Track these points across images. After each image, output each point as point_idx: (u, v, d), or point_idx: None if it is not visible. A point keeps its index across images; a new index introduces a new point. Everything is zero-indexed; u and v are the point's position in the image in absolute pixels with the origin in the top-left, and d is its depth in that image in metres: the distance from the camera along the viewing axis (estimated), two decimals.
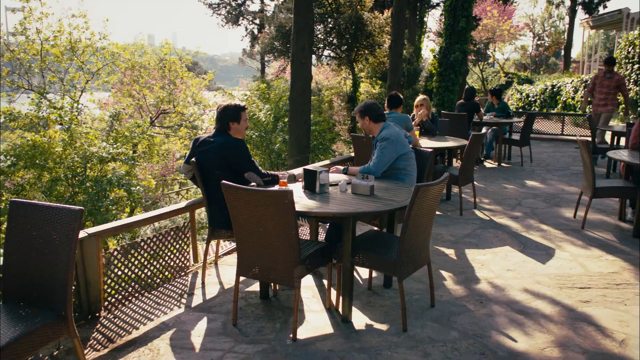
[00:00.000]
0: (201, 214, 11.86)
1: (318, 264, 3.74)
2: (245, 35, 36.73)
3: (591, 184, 5.88)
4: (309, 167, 4.01)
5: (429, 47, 38.59)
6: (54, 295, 2.77)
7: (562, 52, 38.79)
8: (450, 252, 5.21)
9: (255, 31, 35.71)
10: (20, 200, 2.96)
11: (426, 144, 6.80)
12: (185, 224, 4.66)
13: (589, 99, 10.73)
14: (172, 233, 4.47)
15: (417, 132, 6.92)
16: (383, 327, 3.66)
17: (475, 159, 7.53)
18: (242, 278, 4.16)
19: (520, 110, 24.80)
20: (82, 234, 3.70)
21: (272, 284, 4.17)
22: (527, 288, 4.32)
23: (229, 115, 4.26)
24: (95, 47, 12.45)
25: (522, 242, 5.54)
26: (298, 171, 4.49)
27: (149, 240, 4.25)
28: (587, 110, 11.26)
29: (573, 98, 20.19)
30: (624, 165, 6.38)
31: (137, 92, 13.54)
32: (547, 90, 22.51)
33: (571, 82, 20.70)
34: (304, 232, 5.38)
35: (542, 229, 5.98)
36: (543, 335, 3.55)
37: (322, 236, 5.19)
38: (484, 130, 10.46)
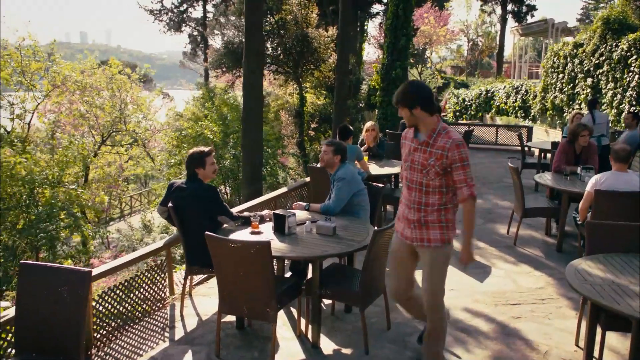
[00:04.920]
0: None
1: (289, 299, 4.27)
2: (189, 42, 36.63)
3: (521, 205, 6.68)
4: (279, 211, 4.51)
5: (369, 53, 39.64)
6: (67, 345, 3.16)
7: (495, 56, 40.84)
8: None
9: (199, 38, 35.65)
10: (29, 262, 3.33)
11: (375, 170, 7.41)
12: (162, 261, 5.07)
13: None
14: (151, 271, 4.87)
15: (365, 158, 7.52)
16: (348, 351, 4.23)
17: None
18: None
19: (458, 113, 26.25)
20: None
21: None
22: (467, 307, 4.99)
23: (194, 162, 4.70)
24: (44, 68, 12.44)
25: None
26: (265, 211, 4.98)
27: (132, 279, 4.64)
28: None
29: (506, 103, 21.81)
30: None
31: (87, 112, 13.58)
32: (482, 95, 24.07)
33: (503, 88, 22.40)
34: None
35: (480, 247, 6.72)
36: (482, 351, 4.21)
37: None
38: None
